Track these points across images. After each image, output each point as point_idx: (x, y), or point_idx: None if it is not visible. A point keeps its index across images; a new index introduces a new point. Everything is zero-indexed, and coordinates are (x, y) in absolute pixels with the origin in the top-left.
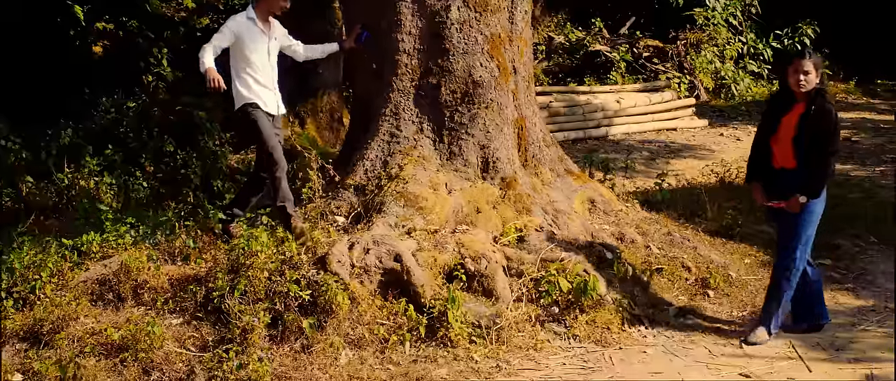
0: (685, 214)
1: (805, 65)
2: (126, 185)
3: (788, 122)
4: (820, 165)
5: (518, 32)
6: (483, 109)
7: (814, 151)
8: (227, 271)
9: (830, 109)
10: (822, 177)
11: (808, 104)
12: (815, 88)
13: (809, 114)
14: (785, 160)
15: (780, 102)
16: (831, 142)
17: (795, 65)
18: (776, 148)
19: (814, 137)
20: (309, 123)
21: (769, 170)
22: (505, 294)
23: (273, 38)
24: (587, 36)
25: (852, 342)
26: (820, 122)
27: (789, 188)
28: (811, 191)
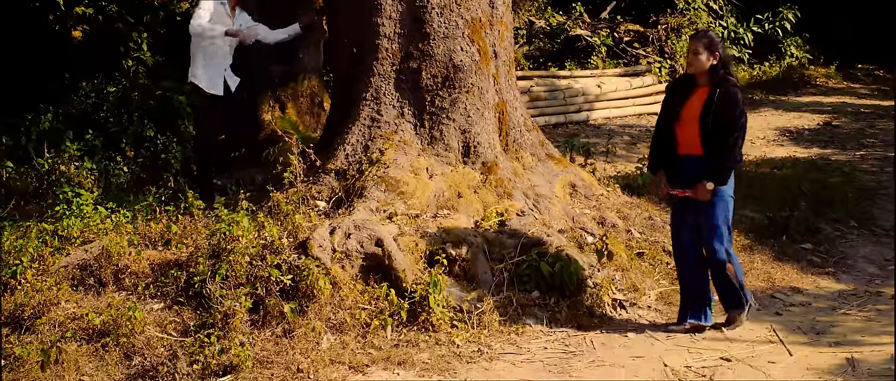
0: (666, 198)
1: (695, 45)
2: (106, 170)
3: (692, 106)
4: (727, 150)
5: (498, 17)
6: (464, 94)
7: (720, 136)
8: (208, 256)
9: (735, 92)
10: (729, 162)
11: (713, 88)
12: (720, 71)
13: (713, 98)
14: (690, 147)
15: (682, 87)
16: (737, 125)
17: (690, 45)
18: (680, 134)
19: (719, 122)
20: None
21: (673, 157)
22: (486, 279)
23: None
24: (568, 20)
25: (833, 326)
26: (725, 105)
27: (695, 176)
28: (718, 177)
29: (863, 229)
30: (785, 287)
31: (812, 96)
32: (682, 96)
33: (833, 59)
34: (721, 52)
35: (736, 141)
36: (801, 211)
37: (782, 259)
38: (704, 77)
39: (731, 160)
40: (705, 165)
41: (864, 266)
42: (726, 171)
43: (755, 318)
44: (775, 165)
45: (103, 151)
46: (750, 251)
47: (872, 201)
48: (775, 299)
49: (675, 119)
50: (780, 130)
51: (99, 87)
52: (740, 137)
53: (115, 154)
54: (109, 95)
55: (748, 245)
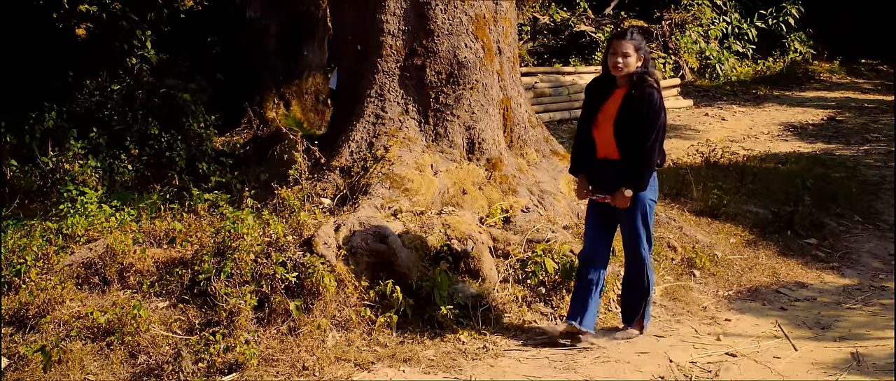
0: (671, 194)
1: (624, 46)
2: (111, 168)
3: (608, 108)
4: (644, 154)
5: (502, 13)
6: (468, 90)
7: (637, 140)
8: (213, 254)
9: (653, 93)
10: (646, 167)
11: (629, 89)
12: (637, 72)
13: (630, 99)
14: (607, 150)
15: (601, 88)
16: (654, 128)
17: (614, 46)
18: (597, 137)
19: (635, 124)
20: (294, 104)
21: (593, 161)
22: (491, 275)
23: None
24: (572, 16)
25: (837, 321)
26: (641, 107)
27: (614, 180)
28: (636, 183)
29: (867, 223)
30: (790, 282)
31: (816, 91)
32: (600, 98)
33: (837, 54)
34: (646, 52)
35: (653, 144)
36: (805, 206)
37: (787, 254)
38: (624, 78)
39: (648, 165)
40: (623, 169)
41: (869, 261)
42: (644, 176)
43: (760, 313)
44: (779, 160)
45: (107, 150)
46: (754, 246)
47: (876, 196)
48: (780, 294)
49: (591, 122)
50: (784, 125)
51: (103, 85)
52: (657, 140)
53: (119, 152)
54: (113, 92)
55: (753, 240)
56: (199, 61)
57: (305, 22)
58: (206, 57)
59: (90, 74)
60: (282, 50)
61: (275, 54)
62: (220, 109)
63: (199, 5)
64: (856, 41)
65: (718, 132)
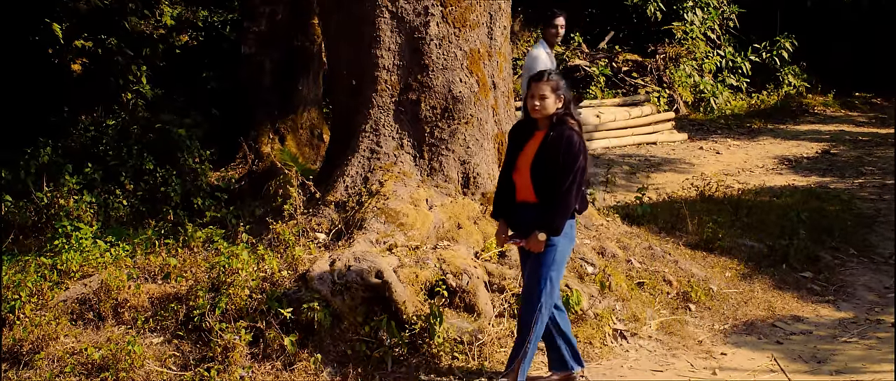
0: (666, 227)
1: (541, 88)
2: (106, 203)
3: (527, 151)
4: (560, 199)
5: (497, 48)
6: (463, 125)
7: (553, 183)
8: (207, 289)
9: (572, 135)
10: (562, 212)
11: (548, 131)
12: (557, 113)
13: (548, 141)
14: (525, 193)
15: (522, 131)
16: (571, 171)
17: (532, 88)
18: (517, 180)
19: (552, 167)
20: (289, 139)
21: (513, 204)
22: (487, 310)
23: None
24: (566, 50)
25: (834, 355)
26: (559, 149)
27: (531, 224)
28: (550, 227)
29: (862, 256)
30: (785, 316)
31: (810, 124)
32: (520, 141)
33: (831, 87)
34: (565, 94)
35: (570, 188)
36: (800, 239)
37: (782, 288)
38: (545, 120)
39: (563, 209)
40: (540, 213)
41: (864, 294)
42: (558, 220)
43: (756, 347)
44: (774, 193)
45: (102, 185)
46: (750, 280)
47: (871, 229)
48: (776, 328)
49: (512, 165)
50: (778, 158)
51: (98, 120)
52: (575, 184)
53: (114, 187)
54: (109, 128)
55: (748, 274)
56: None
57: (300, 57)
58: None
59: (85, 110)
60: (277, 85)
61: (270, 89)
62: (216, 144)
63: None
64: (849, 74)
65: (713, 166)
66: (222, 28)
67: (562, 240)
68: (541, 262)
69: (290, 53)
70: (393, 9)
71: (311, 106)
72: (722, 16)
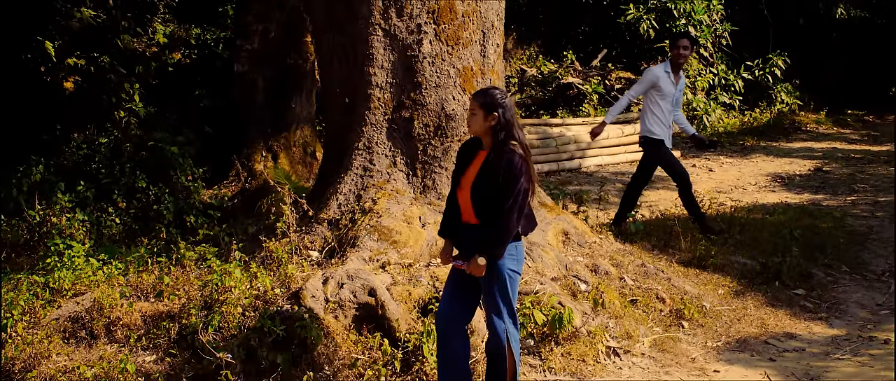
0: (659, 245)
1: (471, 105)
2: (98, 221)
3: (470, 172)
4: (500, 221)
5: (490, 65)
6: (456, 143)
7: (495, 205)
8: (200, 307)
9: (513, 157)
10: (502, 235)
11: (490, 151)
12: (501, 134)
13: (490, 162)
14: (468, 214)
15: (468, 150)
16: (512, 195)
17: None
18: (461, 200)
19: (493, 189)
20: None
21: (458, 225)
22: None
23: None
24: (559, 68)
25: (826, 372)
26: (499, 171)
27: (474, 247)
28: (491, 251)
29: (855, 274)
30: (778, 333)
31: (803, 142)
32: (465, 161)
33: (823, 105)
34: (502, 112)
35: (510, 210)
36: (793, 256)
37: (775, 305)
38: (488, 140)
39: (503, 232)
40: (481, 235)
41: (857, 311)
42: (499, 243)
43: (749, 364)
44: (767, 210)
45: (95, 203)
46: (743, 297)
47: (863, 246)
48: (769, 345)
49: (457, 185)
50: (771, 175)
51: (91, 138)
52: (516, 206)
53: (106, 205)
54: (101, 146)
55: (741, 291)
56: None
57: (293, 75)
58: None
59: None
60: (269, 103)
61: (262, 107)
62: (208, 162)
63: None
64: (842, 92)
65: (706, 183)
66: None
67: (507, 263)
68: (491, 289)
69: (283, 71)
70: (386, 27)
71: (304, 124)
72: (714, 34)
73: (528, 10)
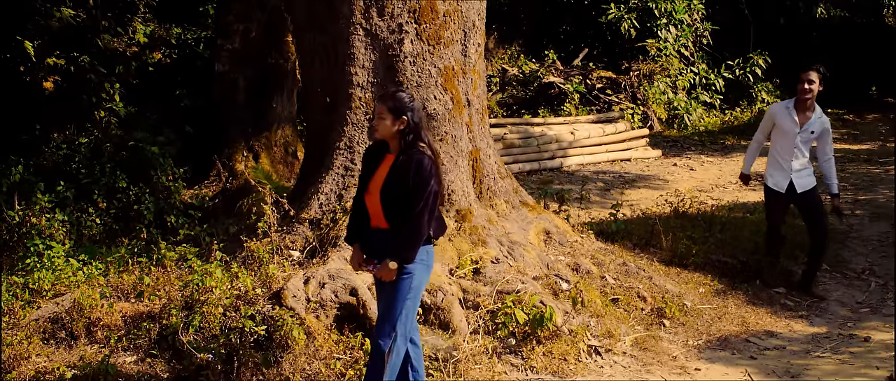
0: (640, 244)
1: (379, 109)
2: (78, 221)
3: (378, 176)
4: (410, 225)
5: (471, 65)
6: (437, 142)
7: (404, 209)
8: (181, 308)
9: (422, 159)
10: (413, 239)
11: (398, 154)
12: (409, 136)
13: (398, 165)
14: (377, 219)
15: (375, 154)
16: (422, 198)
17: (375, 109)
18: (369, 205)
19: (403, 193)
20: (263, 157)
21: (367, 229)
22: (461, 326)
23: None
24: (541, 68)
25: (807, 370)
26: (408, 174)
27: (384, 252)
28: (401, 255)
29: (835, 272)
30: (759, 331)
31: None
32: (372, 165)
33: None
34: (411, 115)
35: (421, 214)
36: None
37: (756, 303)
38: (396, 143)
39: (414, 236)
40: (391, 239)
41: (837, 309)
42: (410, 248)
43: (730, 362)
44: (748, 209)
45: (75, 203)
46: (723, 296)
47: (843, 245)
48: (750, 343)
49: (364, 189)
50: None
51: (71, 138)
52: (427, 209)
53: (87, 206)
54: (81, 146)
55: (722, 290)
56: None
57: (274, 75)
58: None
59: (58, 127)
60: (250, 103)
61: (243, 107)
62: (189, 162)
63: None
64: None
65: (687, 182)
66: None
67: (417, 267)
68: (396, 292)
69: (264, 71)
70: (367, 26)
71: (285, 123)
72: (695, 33)
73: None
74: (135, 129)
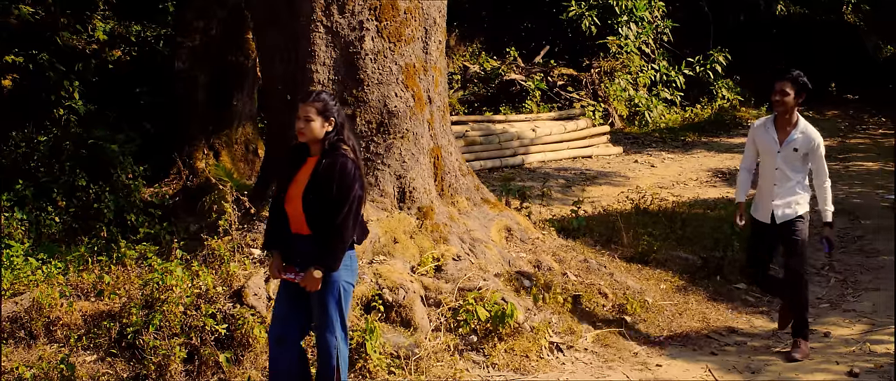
0: (601, 240)
1: (306, 110)
2: (37, 220)
3: (299, 180)
4: (334, 231)
5: (432, 62)
6: (399, 139)
7: (328, 214)
8: (141, 307)
9: (346, 163)
10: (339, 246)
11: (320, 158)
12: (333, 138)
13: (321, 168)
14: (298, 225)
15: (294, 157)
16: (347, 203)
17: (299, 110)
18: (289, 210)
19: (326, 197)
20: (224, 154)
21: (287, 236)
22: (423, 324)
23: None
24: (502, 65)
25: (767, 365)
26: (332, 178)
27: (306, 258)
28: (327, 262)
29: None
30: (720, 327)
31: (743, 137)
32: (292, 168)
33: (763, 100)
34: (337, 117)
35: (345, 219)
36: (734, 251)
37: (717, 299)
38: (317, 146)
39: (339, 243)
40: (315, 246)
41: None
42: (335, 255)
43: (691, 358)
44: (708, 205)
45: (34, 202)
46: (685, 292)
47: None
48: (710, 339)
49: (283, 194)
50: (712, 171)
51: (29, 136)
52: (351, 215)
53: (46, 204)
54: (40, 144)
55: (683, 286)
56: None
57: (235, 72)
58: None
59: (16, 126)
60: (211, 100)
61: (204, 105)
62: (149, 160)
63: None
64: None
65: (648, 179)
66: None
67: (343, 273)
68: (325, 302)
69: (225, 69)
70: (328, 23)
71: (246, 121)
72: (656, 30)
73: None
74: (94, 127)
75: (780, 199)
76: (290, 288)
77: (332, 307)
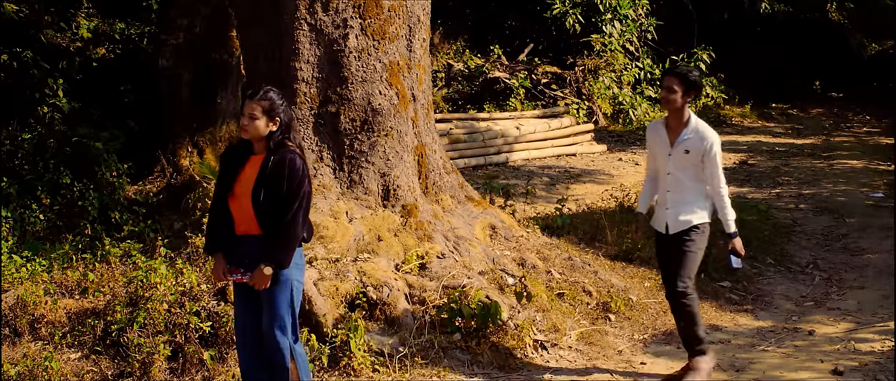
0: (585, 238)
1: (252, 107)
2: (22, 218)
3: (245, 178)
4: (284, 228)
5: (416, 60)
6: (383, 137)
7: (277, 212)
8: (125, 304)
9: (295, 160)
10: (289, 243)
11: (268, 155)
12: (278, 136)
13: (268, 166)
14: (247, 225)
15: (237, 155)
16: (297, 200)
17: (244, 107)
18: (235, 210)
19: (275, 195)
20: (208, 152)
21: (232, 237)
22: (407, 322)
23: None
24: (486, 63)
25: (752, 363)
26: (282, 176)
27: (256, 258)
28: (277, 260)
29: (780, 266)
30: (704, 325)
31: (728, 135)
32: (236, 167)
33: (748, 98)
34: (283, 115)
35: (295, 216)
36: (718, 249)
37: (701, 297)
38: (261, 143)
39: (290, 240)
40: (264, 245)
41: (782, 303)
42: (286, 252)
43: (675, 356)
44: None
45: (18, 199)
46: None
47: (788, 239)
48: None
49: (228, 193)
50: None
51: (13, 134)
52: (301, 212)
53: (30, 202)
54: (24, 142)
55: None
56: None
57: (218, 70)
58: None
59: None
60: (195, 98)
61: (188, 102)
62: (133, 158)
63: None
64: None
65: (632, 177)
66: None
67: (293, 271)
68: (275, 300)
69: (208, 66)
70: (312, 21)
71: (230, 119)
72: (640, 28)
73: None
74: (78, 124)
75: (674, 207)
76: (241, 290)
77: (284, 306)
